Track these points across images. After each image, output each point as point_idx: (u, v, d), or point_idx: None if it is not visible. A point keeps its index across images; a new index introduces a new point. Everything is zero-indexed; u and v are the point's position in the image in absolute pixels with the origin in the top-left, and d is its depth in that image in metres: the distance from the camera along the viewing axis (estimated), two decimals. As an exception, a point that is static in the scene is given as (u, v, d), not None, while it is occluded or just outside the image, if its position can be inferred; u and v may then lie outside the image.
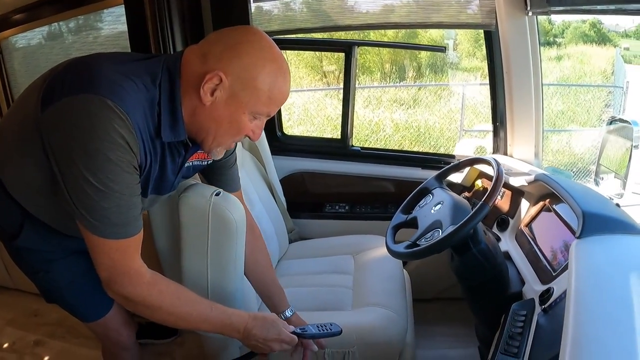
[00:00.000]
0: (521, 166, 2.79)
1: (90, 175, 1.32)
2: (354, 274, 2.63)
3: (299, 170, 3.37)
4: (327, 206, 3.37)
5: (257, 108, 1.50)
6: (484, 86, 8.80)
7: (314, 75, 13.72)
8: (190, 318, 1.62)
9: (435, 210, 2.13)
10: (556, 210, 2.06)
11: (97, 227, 1.40)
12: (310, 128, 10.02)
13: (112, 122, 1.30)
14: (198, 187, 1.83)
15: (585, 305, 1.33)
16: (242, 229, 1.86)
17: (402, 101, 10.78)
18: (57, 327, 3.40)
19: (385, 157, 3.40)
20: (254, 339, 1.70)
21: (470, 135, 8.71)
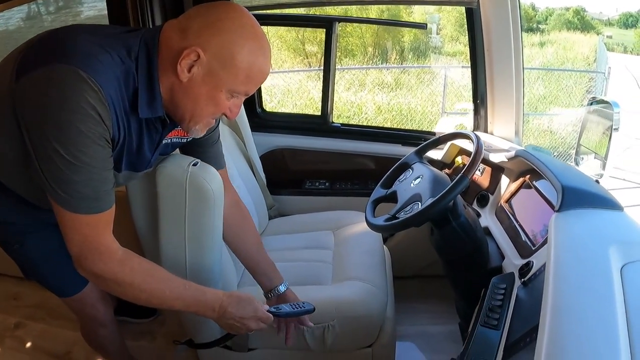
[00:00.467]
0: (501, 143, 2.77)
1: (60, 147, 1.30)
2: (333, 249, 2.63)
3: (278, 146, 3.35)
4: (307, 182, 3.36)
5: (235, 86, 1.47)
6: (466, 69, 8.86)
7: (295, 57, 13.70)
8: (163, 295, 1.60)
9: (414, 184, 2.12)
10: (536, 186, 2.07)
11: (68, 201, 1.38)
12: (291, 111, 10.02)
13: (85, 93, 1.28)
14: (175, 158, 1.81)
15: (564, 276, 1.33)
16: (220, 199, 1.84)
17: (384, 84, 10.79)
18: (37, 310, 3.37)
19: (366, 133, 3.39)
20: (229, 316, 1.69)
21: (451, 116, 8.75)
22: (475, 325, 1.62)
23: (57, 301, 2.08)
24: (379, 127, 3.60)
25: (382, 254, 2.59)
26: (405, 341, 2.81)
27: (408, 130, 4.03)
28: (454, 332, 2.50)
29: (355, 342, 2.21)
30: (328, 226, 2.83)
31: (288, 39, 13.72)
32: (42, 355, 2.94)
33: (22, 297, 3.54)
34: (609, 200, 1.73)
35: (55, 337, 3.08)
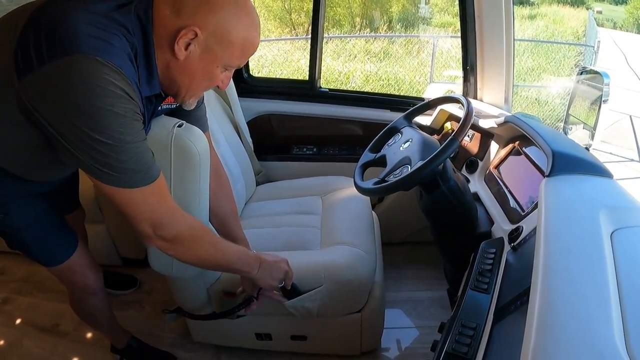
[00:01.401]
0: (491, 110, 2.77)
1: (99, 134, 1.29)
2: (321, 214, 2.62)
3: (265, 112, 3.33)
4: (294, 148, 3.36)
5: (230, 61, 1.49)
6: (455, 39, 8.82)
7: (282, 27, 13.65)
8: (225, 252, 1.77)
9: (404, 147, 2.10)
10: (526, 152, 2.07)
11: (124, 180, 1.40)
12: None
13: (108, 76, 1.27)
14: (160, 120, 1.78)
15: (555, 239, 1.33)
16: (206, 160, 1.82)
17: (372, 53, 10.78)
18: (24, 284, 3.39)
19: (354, 99, 3.36)
20: (266, 265, 1.87)
21: (439, 87, 8.75)
22: (464, 289, 1.62)
23: (44, 274, 2.07)
24: (367, 93, 3.54)
25: (370, 219, 2.59)
26: (393, 308, 2.82)
27: (396, 95, 4.01)
28: (443, 298, 2.52)
29: (344, 307, 2.22)
30: (316, 191, 2.82)
31: (274, 8, 13.65)
32: (31, 329, 2.94)
33: (8, 272, 3.56)
34: (599, 167, 1.74)
35: (43, 309, 3.09)
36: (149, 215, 1.49)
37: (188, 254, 1.65)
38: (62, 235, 1.97)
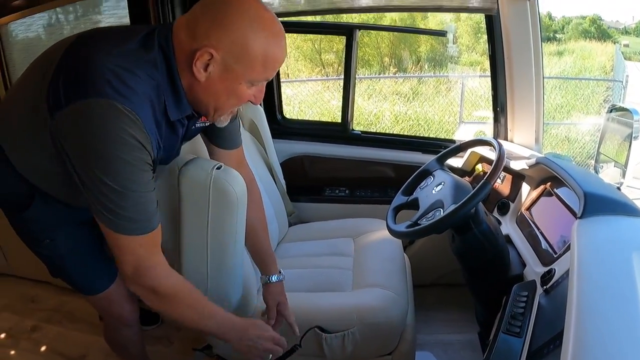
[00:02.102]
0: (522, 151, 2.78)
1: (107, 178, 1.36)
2: (354, 256, 2.62)
3: (299, 153, 3.36)
4: (326, 190, 3.37)
5: (253, 76, 1.49)
6: (484, 78, 8.81)
7: (313, 67, 13.73)
8: (202, 313, 1.71)
9: (436, 190, 2.12)
10: (557, 193, 2.06)
11: (120, 225, 1.45)
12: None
13: (124, 124, 1.33)
14: (199, 161, 1.83)
15: (589, 281, 1.32)
16: (243, 202, 1.86)
17: (401, 93, 10.80)
18: (54, 313, 3.39)
19: (386, 141, 3.38)
20: (248, 337, 1.78)
21: (469, 125, 8.73)
22: (496, 333, 1.61)
23: (75, 305, 2.11)
24: (398, 135, 3.60)
25: (402, 261, 2.60)
26: (424, 350, 2.80)
27: (428, 137, 4.04)
28: (473, 341, 2.50)
29: (375, 350, 2.21)
30: (348, 233, 2.83)
31: (305, 49, 13.74)
32: (57, 358, 2.95)
33: (39, 300, 3.58)
34: (631, 207, 1.71)
35: (71, 340, 3.10)
36: (132, 263, 1.53)
37: (163, 309, 1.67)
38: (103, 265, 2.00)
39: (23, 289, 3.73)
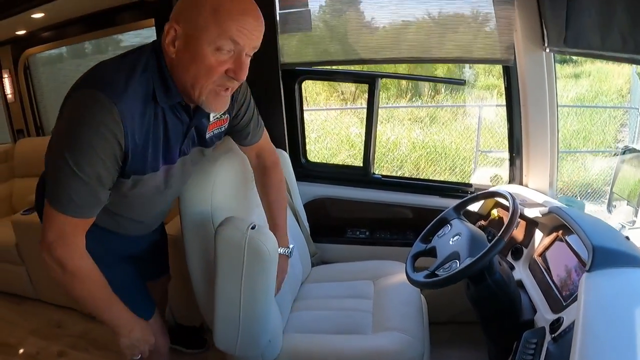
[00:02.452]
0: (536, 196, 2.85)
1: (70, 156, 1.54)
2: (373, 299, 2.70)
3: (321, 196, 3.44)
4: (348, 231, 3.44)
5: (211, 37, 1.56)
6: (501, 107, 8.80)
7: (330, 93, 13.73)
8: (102, 299, 1.88)
9: (453, 241, 2.23)
10: (568, 241, 2.15)
11: (59, 201, 1.62)
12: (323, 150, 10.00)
13: (103, 117, 1.52)
14: (234, 221, 1.95)
15: (592, 336, 1.43)
16: (275, 258, 1.98)
17: (418, 118, 10.77)
18: (80, 339, 3.49)
19: (405, 185, 3.47)
20: (134, 336, 1.99)
21: (485, 157, 8.69)
22: (507, 377, 1.71)
23: (100, 332, 2.24)
24: (418, 179, 3.67)
25: (419, 303, 2.68)
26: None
27: (446, 182, 4.07)
28: (487, 379, 2.57)
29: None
30: (368, 276, 2.89)
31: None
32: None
33: (65, 325, 3.68)
34: (638, 258, 1.80)
35: (98, 367, 3.15)
36: (57, 235, 1.67)
37: (67, 285, 1.79)
38: (142, 301, 2.19)
39: (49, 314, 3.84)
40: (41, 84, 5.94)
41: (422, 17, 3.04)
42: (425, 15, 3.03)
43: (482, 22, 2.96)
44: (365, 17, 3.17)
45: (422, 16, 3.04)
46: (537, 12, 2.77)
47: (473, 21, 2.96)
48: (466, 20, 2.97)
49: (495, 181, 3.30)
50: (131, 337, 1.99)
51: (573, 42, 2.37)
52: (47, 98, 5.95)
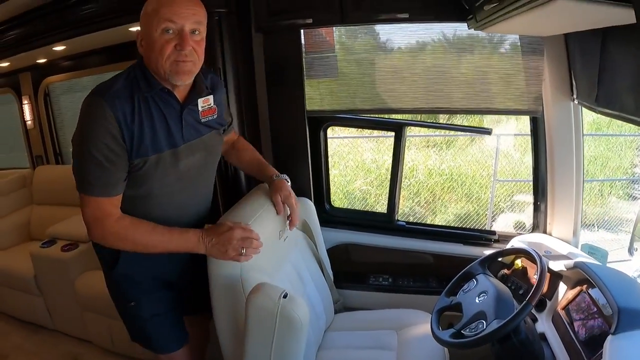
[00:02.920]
0: (560, 246, 2.85)
1: (82, 146, 1.97)
2: (397, 350, 2.67)
3: (345, 242, 3.44)
4: (370, 277, 3.41)
5: (155, 25, 1.96)
6: (519, 137, 8.76)
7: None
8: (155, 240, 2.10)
9: (479, 300, 2.23)
10: (592, 295, 2.15)
11: (83, 186, 2.01)
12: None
13: (100, 116, 1.92)
14: (265, 289, 1.96)
15: None
16: (306, 325, 1.98)
17: (435, 142, 10.71)
18: None
19: (429, 232, 3.46)
20: (213, 237, 2.11)
21: (502, 185, 8.66)
22: None
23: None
24: (441, 226, 3.66)
25: (442, 356, 2.64)
26: None
27: (469, 229, 4.09)
28: None
29: None
30: (391, 325, 2.86)
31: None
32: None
33: (83, 359, 3.74)
34: None
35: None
36: (91, 214, 2.04)
37: (117, 245, 2.11)
38: (169, 333, 2.40)
39: (67, 347, 3.91)
40: (61, 112, 6.02)
41: (450, 67, 3.06)
42: (454, 65, 3.04)
43: (511, 72, 2.97)
44: (393, 65, 3.19)
45: (451, 66, 3.06)
46: (566, 63, 2.78)
47: (502, 72, 2.99)
48: (495, 70, 3.00)
49: (518, 228, 3.30)
50: (210, 239, 2.12)
51: (605, 102, 2.33)
52: (67, 126, 6.01)
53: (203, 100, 2.22)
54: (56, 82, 5.86)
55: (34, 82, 5.87)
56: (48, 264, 4.14)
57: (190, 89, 2.18)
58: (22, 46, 4.61)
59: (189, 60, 2.02)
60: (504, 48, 3.04)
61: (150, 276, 2.31)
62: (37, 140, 6.04)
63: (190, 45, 2.00)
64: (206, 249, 2.11)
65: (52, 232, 4.35)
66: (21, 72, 5.89)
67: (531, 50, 2.91)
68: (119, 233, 2.05)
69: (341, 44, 3.25)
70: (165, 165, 2.11)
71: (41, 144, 6.02)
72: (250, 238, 2.11)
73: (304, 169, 3.26)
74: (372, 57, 3.21)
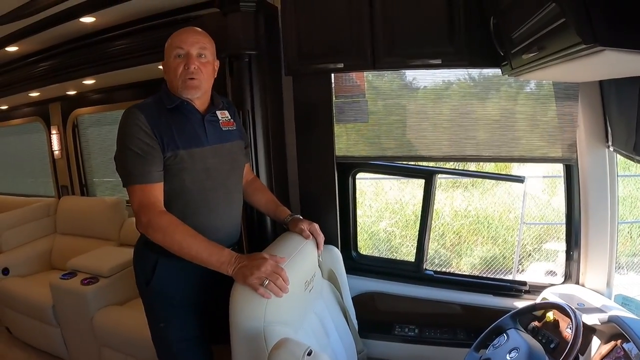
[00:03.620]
0: (593, 298, 2.77)
1: (122, 143, 2.28)
2: None
3: (370, 290, 3.40)
4: (396, 327, 3.35)
5: (170, 52, 2.41)
6: (547, 179, 8.70)
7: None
8: (192, 243, 2.21)
9: (510, 357, 2.16)
10: (626, 350, 2.09)
11: (126, 178, 2.28)
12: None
13: (134, 118, 2.27)
14: (289, 345, 1.88)
15: None
16: None
17: (460, 183, 10.67)
18: None
19: (458, 282, 3.39)
20: (244, 264, 2.14)
21: (529, 228, 8.59)
22: None
23: None
24: (470, 276, 3.60)
25: None
26: None
27: (499, 279, 3.99)
28: None
29: None
30: None
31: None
32: None
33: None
34: None
35: None
36: (138, 201, 2.25)
37: (160, 239, 2.23)
38: (204, 352, 2.49)
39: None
40: (88, 144, 6.15)
41: (482, 113, 3.06)
42: (485, 110, 3.02)
43: (544, 119, 2.95)
44: (424, 110, 3.18)
45: (482, 112, 3.06)
46: (601, 108, 2.76)
47: (535, 118, 2.97)
48: (528, 117, 2.99)
49: (549, 276, 3.22)
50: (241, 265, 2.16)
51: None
52: (94, 158, 6.16)
53: (221, 112, 2.56)
54: (85, 114, 5.99)
55: (63, 113, 6.03)
56: (67, 296, 4.17)
57: (209, 103, 2.54)
58: (53, 78, 4.73)
59: (196, 77, 2.39)
60: (537, 93, 3.00)
61: (183, 292, 2.43)
62: (64, 170, 6.18)
63: (196, 65, 2.37)
64: (234, 269, 2.14)
65: (73, 264, 4.39)
66: (51, 102, 6.06)
67: (565, 95, 2.89)
68: (161, 225, 2.22)
69: (372, 88, 3.25)
70: (194, 160, 2.38)
71: (67, 174, 6.17)
72: (278, 275, 2.10)
73: (332, 216, 3.22)
74: (403, 102, 3.21)
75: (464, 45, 2.77)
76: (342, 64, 2.97)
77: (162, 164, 2.30)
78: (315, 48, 3.00)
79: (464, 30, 2.76)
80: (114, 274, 4.21)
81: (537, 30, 1.71)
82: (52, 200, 6.10)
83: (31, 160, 7.10)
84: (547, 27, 1.59)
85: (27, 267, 5.37)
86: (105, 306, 4.07)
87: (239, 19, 3.06)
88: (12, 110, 6.77)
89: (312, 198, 2.48)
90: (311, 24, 2.99)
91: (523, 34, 1.92)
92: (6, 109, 6.79)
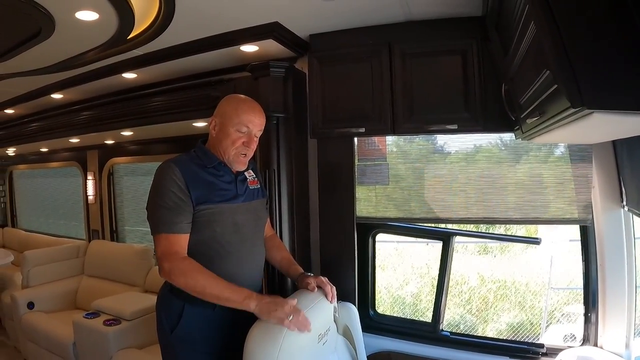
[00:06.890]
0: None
1: (156, 197, 2.40)
2: None
3: (386, 349, 3.39)
4: None
5: (234, 125, 2.52)
6: (574, 242, 8.59)
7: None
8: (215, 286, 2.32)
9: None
10: None
11: (154, 227, 2.39)
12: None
13: (172, 173, 2.39)
14: None
15: None
16: None
17: (487, 248, 10.58)
18: None
19: (474, 344, 3.37)
20: (265, 301, 2.29)
21: (557, 293, 8.47)
22: None
23: None
24: (487, 338, 3.56)
25: None
26: None
27: (515, 341, 3.98)
28: None
29: None
30: None
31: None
32: None
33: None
34: None
35: None
36: (161, 250, 2.35)
37: (180, 283, 2.32)
38: None
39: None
40: (122, 192, 6.34)
41: (498, 176, 3.14)
42: (502, 174, 3.10)
43: (559, 181, 3.01)
44: (443, 174, 3.29)
45: (499, 175, 3.14)
46: (615, 169, 2.81)
47: (551, 180, 3.03)
48: (543, 179, 3.05)
49: (568, 340, 3.20)
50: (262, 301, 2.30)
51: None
52: (126, 207, 6.31)
53: (248, 173, 2.70)
54: (121, 164, 6.19)
55: (100, 160, 6.28)
56: (88, 335, 4.26)
57: None
58: (93, 127, 4.94)
59: (248, 155, 2.59)
60: (552, 156, 3.08)
61: (206, 340, 2.48)
62: (96, 215, 6.36)
63: (253, 145, 2.57)
64: (257, 304, 2.28)
65: (98, 305, 4.51)
66: (89, 149, 6.32)
67: (580, 157, 2.95)
68: (183, 269, 2.32)
69: (393, 152, 3.39)
70: (225, 214, 2.51)
71: (99, 219, 6.34)
72: (301, 312, 2.26)
73: (350, 274, 3.29)
74: (422, 166, 3.32)
75: (479, 111, 2.91)
76: (364, 128, 3.14)
77: (191, 217, 2.41)
78: (339, 113, 3.18)
79: (479, 97, 2.89)
80: (137, 318, 4.29)
81: (538, 96, 1.77)
82: (82, 243, 6.26)
83: (66, 202, 7.33)
84: (544, 93, 1.65)
85: (52, 303, 5.51)
86: (125, 348, 4.13)
87: (269, 84, 3.28)
88: (51, 153, 7.05)
89: (332, 256, 2.57)
90: (336, 91, 3.18)
91: (528, 100, 1.99)
92: (46, 152, 7.06)
